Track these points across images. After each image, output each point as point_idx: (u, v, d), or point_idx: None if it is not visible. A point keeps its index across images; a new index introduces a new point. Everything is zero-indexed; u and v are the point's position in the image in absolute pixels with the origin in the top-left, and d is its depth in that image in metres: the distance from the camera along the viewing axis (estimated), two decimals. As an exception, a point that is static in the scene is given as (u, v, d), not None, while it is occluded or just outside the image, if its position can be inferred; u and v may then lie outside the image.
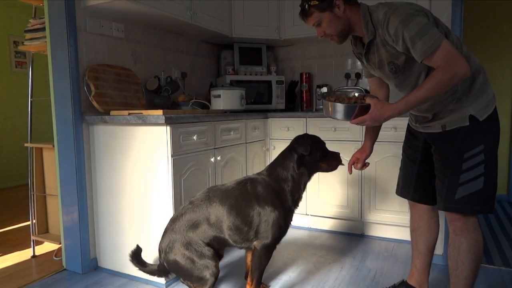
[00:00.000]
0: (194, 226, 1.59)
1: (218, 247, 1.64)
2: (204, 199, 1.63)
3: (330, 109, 1.45)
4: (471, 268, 1.44)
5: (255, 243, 1.62)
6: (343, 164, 1.85)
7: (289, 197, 1.69)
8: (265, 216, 1.61)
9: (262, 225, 1.61)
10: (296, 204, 1.75)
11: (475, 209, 1.41)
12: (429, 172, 1.57)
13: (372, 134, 1.79)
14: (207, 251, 1.57)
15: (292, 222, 2.87)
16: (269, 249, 1.65)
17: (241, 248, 1.68)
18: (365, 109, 1.38)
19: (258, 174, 1.76)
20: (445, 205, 1.46)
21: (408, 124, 1.71)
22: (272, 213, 1.61)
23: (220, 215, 1.59)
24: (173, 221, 1.65)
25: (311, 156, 1.72)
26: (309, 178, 1.78)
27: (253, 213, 1.60)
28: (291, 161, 1.71)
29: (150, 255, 2.01)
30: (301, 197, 1.77)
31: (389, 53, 1.41)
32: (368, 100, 1.40)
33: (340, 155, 1.84)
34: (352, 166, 1.78)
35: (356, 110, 1.39)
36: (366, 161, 1.79)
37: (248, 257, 1.86)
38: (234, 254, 2.37)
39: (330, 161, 1.80)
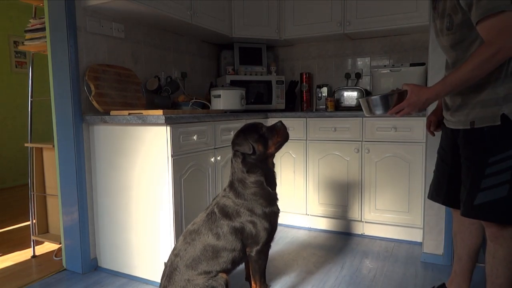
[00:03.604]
0: (193, 267, 1.54)
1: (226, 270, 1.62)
2: (186, 247, 1.57)
3: (368, 106, 1.41)
4: (507, 276, 1.36)
5: (247, 249, 1.61)
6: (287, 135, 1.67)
7: (261, 201, 1.60)
8: (246, 228, 1.58)
9: (247, 236, 1.58)
10: (273, 204, 1.64)
11: (498, 218, 1.32)
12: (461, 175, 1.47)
13: None
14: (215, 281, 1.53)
15: (292, 222, 2.92)
16: (262, 252, 1.62)
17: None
18: (404, 97, 1.34)
19: (224, 193, 1.67)
20: (464, 210, 1.39)
21: (443, 124, 1.60)
22: (250, 223, 1.58)
23: (209, 249, 1.55)
24: (169, 276, 1.55)
25: (253, 152, 1.58)
26: (267, 170, 1.64)
27: (234, 231, 1.56)
28: (239, 167, 1.61)
29: (150, 255, 2.01)
30: (275, 194, 1.66)
31: (452, 4, 1.33)
32: (404, 87, 1.36)
33: (283, 122, 1.67)
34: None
35: (395, 99, 1.36)
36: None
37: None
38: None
39: (275, 140, 1.63)
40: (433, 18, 1.52)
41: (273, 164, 1.70)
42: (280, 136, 1.65)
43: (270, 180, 1.65)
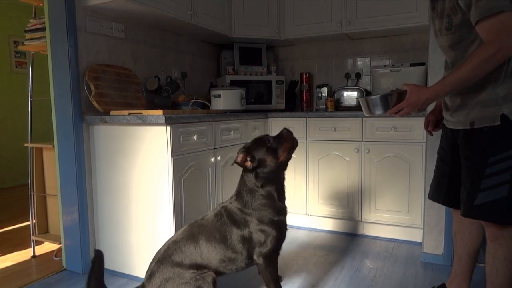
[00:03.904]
0: (189, 260, 1.52)
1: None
2: (189, 237, 1.55)
3: (368, 106, 1.42)
4: (507, 276, 1.36)
5: (255, 258, 1.57)
6: (295, 142, 1.65)
7: (269, 211, 1.58)
8: (254, 237, 1.55)
9: (254, 245, 1.56)
10: (281, 214, 1.63)
11: (498, 218, 1.32)
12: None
13: None
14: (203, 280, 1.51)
15: (292, 222, 2.92)
16: (270, 259, 1.59)
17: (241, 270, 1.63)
18: (403, 97, 1.35)
19: (230, 200, 1.66)
20: (464, 210, 1.39)
21: (443, 124, 1.60)
22: (259, 231, 1.56)
23: (210, 251, 1.53)
24: (160, 262, 1.53)
25: (264, 164, 1.57)
26: (279, 184, 1.63)
27: (242, 240, 1.55)
28: (252, 181, 1.58)
29: (150, 255, 2.01)
30: (285, 207, 1.65)
31: (451, 4, 1.33)
32: (404, 87, 1.36)
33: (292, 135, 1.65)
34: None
35: (394, 99, 1.36)
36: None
37: None
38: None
39: (284, 147, 1.61)
40: (432, 18, 1.52)
41: (284, 177, 1.68)
42: (288, 142, 1.63)
43: (280, 193, 1.64)
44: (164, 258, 1.52)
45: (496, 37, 1.17)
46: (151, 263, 1.57)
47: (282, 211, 1.63)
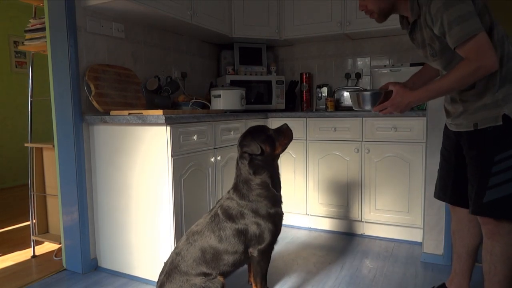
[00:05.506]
0: (194, 268, 1.55)
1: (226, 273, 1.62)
2: (189, 247, 1.57)
3: (358, 100, 1.47)
4: (505, 273, 1.39)
5: (250, 250, 1.59)
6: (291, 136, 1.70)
7: (265, 202, 1.61)
8: (250, 229, 1.57)
9: (250, 237, 1.57)
10: (278, 205, 1.65)
11: (505, 214, 1.35)
12: (466, 174, 1.49)
13: (421, 78, 1.65)
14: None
15: (292, 222, 2.92)
16: (265, 253, 1.61)
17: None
18: (390, 96, 1.40)
19: (228, 195, 1.67)
20: (473, 208, 1.42)
21: (445, 125, 1.63)
22: (254, 224, 1.57)
23: (210, 251, 1.55)
24: (168, 274, 1.56)
25: (261, 152, 1.59)
26: (273, 172, 1.65)
27: (237, 234, 1.56)
28: (246, 169, 1.61)
29: (150, 255, 2.01)
30: (280, 196, 1.67)
31: (428, 35, 1.39)
32: (390, 87, 1.40)
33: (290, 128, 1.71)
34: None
35: (382, 97, 1.42)
36: None
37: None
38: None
39: (282, 141, 1.66)
40: (415, 46, 1.56)
41: (278, 166, 1.71)
42: (287, 137, 1.68)
43: (275, 182, 1.66)
44: (171, 269, 1.56)
45: (476, 57, 1.24)
46: (159, 276, 1.60)
47: (277, 200, 1.66)
